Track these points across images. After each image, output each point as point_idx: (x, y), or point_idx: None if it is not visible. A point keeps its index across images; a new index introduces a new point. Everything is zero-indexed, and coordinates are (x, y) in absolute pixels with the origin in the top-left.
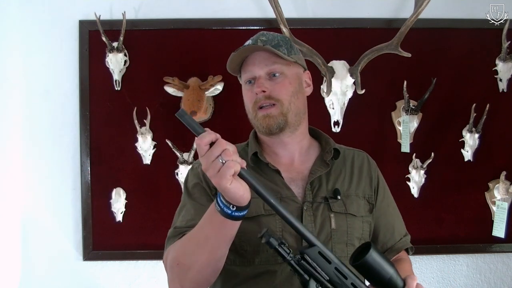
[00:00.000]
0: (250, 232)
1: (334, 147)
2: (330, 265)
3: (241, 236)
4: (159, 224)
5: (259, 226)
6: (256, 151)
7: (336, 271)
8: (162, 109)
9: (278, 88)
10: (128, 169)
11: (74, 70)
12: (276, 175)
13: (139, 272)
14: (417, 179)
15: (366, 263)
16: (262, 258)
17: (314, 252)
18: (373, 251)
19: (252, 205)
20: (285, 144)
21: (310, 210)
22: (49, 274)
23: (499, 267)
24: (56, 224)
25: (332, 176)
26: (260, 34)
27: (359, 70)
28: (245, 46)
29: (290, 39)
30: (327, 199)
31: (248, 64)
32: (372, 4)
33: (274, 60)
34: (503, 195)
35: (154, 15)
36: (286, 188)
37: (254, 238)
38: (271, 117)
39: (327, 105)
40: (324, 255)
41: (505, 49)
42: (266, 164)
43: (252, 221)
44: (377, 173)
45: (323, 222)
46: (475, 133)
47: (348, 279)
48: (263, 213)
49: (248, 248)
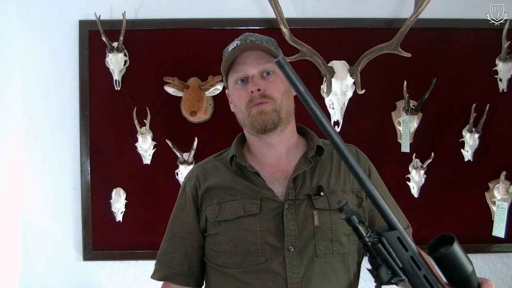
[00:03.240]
0: (231, 233)
1: (317, 144)
2: (406, 252)
3: (222, 239)
4: (159, 224)
5: (239, 227)
6: (234, 154)
7: (411, 260)
8: (162, 109)
9: (271, 86)
10: (128, 169)
11: (74, 70)
12: (256, 176)
13: (139, 272)
14: (417, 179)
15: (447, 257)
16: (243, 259)
17: (393, 237)
18: (456, 245)
19: (231, 207)
20: (273, 144)
21: (292, 208)
22: (49, 274)
23: (499, 267)
24: (56, 224)
25: (317, 173)
26: (248, 35)
27: (359, 70)
28: (239, 45)
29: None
30: (310, 196)
31: (240, 63)
32: (372, 4)
33: (266, 59)
34: (503, 195)
35: (154, 15)
36: (266, 189)
37: (234, 239)
38: (266, 113)
39: (327, 105)
40: (403, 242)
41: (505, 49)
42: (245, 167)
43: (232, 223)
44: (367, 165)
45: (305, 220)
46: (475, 133)
47: (422, 270)
48: (243, 214)
49: (230, 249)
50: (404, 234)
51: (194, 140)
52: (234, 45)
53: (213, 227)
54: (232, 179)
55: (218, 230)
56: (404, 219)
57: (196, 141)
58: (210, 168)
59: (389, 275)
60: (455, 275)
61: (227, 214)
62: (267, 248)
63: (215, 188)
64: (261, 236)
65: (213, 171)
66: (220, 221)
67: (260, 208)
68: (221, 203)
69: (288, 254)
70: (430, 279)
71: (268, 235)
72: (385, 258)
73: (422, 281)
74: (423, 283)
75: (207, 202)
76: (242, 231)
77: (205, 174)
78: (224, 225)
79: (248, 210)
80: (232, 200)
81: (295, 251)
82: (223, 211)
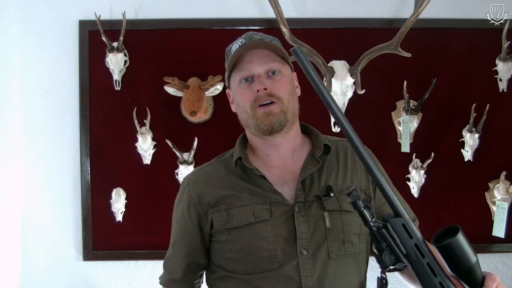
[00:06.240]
0: (242, 241)
1: (324, 142)
2: (411, 240)
3: (234, 246)
4: (159, 224)
5: (250, 233)
6: (240, 157)
7: (415, 248)
8: (162, 109)
9: (278, 86)
10: (128, 169)
11: (74, 70)
12: (263, 180)
13: (139, 272)
14: (417, 179)
15: (451, 246)
16: (256, 266)
17: (398, 223)
18: (461, 235)
19: (240, 214)
20: (278, 145)
21: (302, 210)
22: (49, 274)
23: (499, 267)
24: (56, 224)
25: (325, 173)
26: (253, 34)
27: (359, 70)
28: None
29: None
30: (320, 198)
31: (245, 62)
32: (372, 4)
33: (272, 58)
34: (503, 195)
35: (154, 15)
36: (274, 193)
37: (246, 246)
38: (273, 114)
39: None
40: (407, 229)
41: (505, 49)
42: (251, 170)
43: (243, 230)
44: (371, 156)
45: (316, 222)
46: (475, 133)
47: (426, 258)
48: (253, 220)
49: (242, 256)
50: (409, 222)
51: (194, 140)
52: (240, 43)
53: (221, 234)
54: (237, 184)
55: (227, 238)
56: (411, 211)
57: (196, 141)
58: (212, 171)
59: (393, 260)
60: (459, 265)
61: (237, 221)
62: (280, 253)
63: (220, 194)
64: (274, 242)
65: (216, 175)
66: (229, 228)
67: (271, 213)
68: (229, 209)
69: (301, 258)
70: (434, 267)
71: (280, 240)
72: (389, 243)
73: (425, 269)
74: (426, 271)
75: (213, 208)
76: (253, 238)
77: (207, 179)
78: (233, 232)
79: (258, 216)
80: (241, 206)
81: (308, 254)
82: (231, 217)
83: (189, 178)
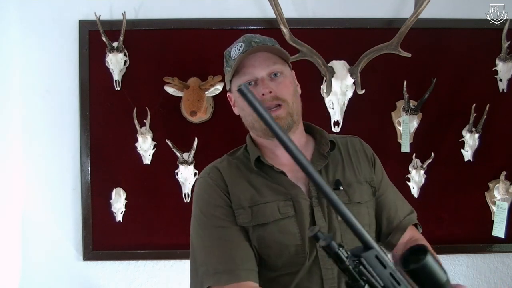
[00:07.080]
0: (270, 237)
1: (329, 139)
2: (385, 270)
3: (261, 243)
4: (159, 224)
5: (278, 230)
6: (259, 155)
7: (391, 277)
8: (162, 109)
9: (281, 88)
10: (128, 169)
11: (74, 70)
12: (282, 176)
13: (139, 272)
14: (417, 179)
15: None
16: (284, 261)
17: (371, 256)
18: (430, 257)
19: (265, 210)
20: None
21: (318, 205)
22: (49, 274)
23: (499, 267)
24: (56, 224)
25: (331, 168)
26: (251, 37)
27: (359, 70)
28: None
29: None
30: None
31: (247, 66)
32: (372, 4)
33: (274, 61)
34: (503, 195)
35: (154, 15)
36: (294, 187)
37: (275, 243)
38: (281, 118)
39: (327, 105)
40: (381, 260)
41: (505, 49)
42: (270, 167)
43: (270, 227)
44: (372, 153)
45: (330, 215)
46: (475, 133)
47: (402, 285)
48: (280, 217)
49: (271, 253)
50: (381, 252)
51: (194, 140)
52: (239, 48)
53: (246, 231)
54: (257, 181)
55: (253, 236)
56: (407, 205)
57: (196, 141)
58: (228, 167)
59: None
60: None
61: (262, 218)
62: (307, 248)
63: (240, 190)
64: (301, 237)
65: (234, 172)
66: (255, 225)
67: (295, 209)
68: (252, 206)
69: (321, 251)
70: None
71: (305, 235)
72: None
73: None
74: None
75: (236, 203)
76: (281, 234)
77: (230, 174)
78: (259, 230)
79: (284, 212)
80: (264, 202)
81: None
82: (256, 214)
83: (208, 172)
